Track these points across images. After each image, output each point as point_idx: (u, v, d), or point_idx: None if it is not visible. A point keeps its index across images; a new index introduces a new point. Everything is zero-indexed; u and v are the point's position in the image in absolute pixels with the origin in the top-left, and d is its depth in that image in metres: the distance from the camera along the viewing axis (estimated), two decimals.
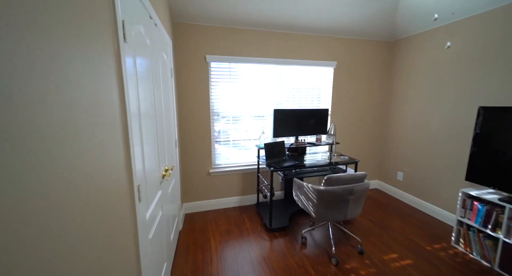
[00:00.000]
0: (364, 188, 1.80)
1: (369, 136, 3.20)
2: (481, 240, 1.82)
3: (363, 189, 1.80)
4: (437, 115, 2.45)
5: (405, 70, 2.85)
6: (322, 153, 2.95)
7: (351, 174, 1.78)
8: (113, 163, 0.75)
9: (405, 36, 2.81)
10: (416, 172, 2.72)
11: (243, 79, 2.65)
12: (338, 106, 2.99)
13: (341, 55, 2.88)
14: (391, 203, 2.84)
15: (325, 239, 2.11)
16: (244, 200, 2.81)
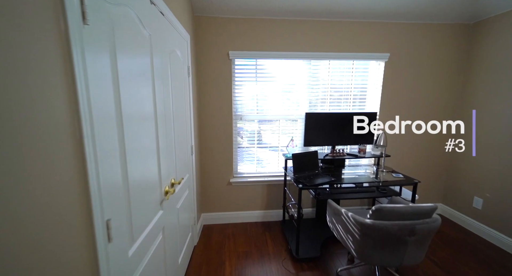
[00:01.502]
0: (433, 228, 1.28)
1: (432, 148, 2.50)
2: None
3: (431, 229, 1.28)
4: None
5: (491, 62, 2.10)
6: (366, 167, 2.41)
7: (413, 206, 1.28)
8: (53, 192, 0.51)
9: (496, 14, 2.06)
10: (505, 200, 1.97)
11: (272, 78, 2.31)
12: (389, 109, 2.40)
13: (396, 45, 2.29)
14: (465, 239, 2.13)
15: None
16: (268, 215, 2.48)
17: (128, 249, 0.83)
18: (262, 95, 2.34)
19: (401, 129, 2.19)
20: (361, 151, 2.22)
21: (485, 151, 2.15)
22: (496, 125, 2.06)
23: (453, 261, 1.83)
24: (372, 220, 1.29)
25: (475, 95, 2.25)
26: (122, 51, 0.79)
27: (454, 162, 2.47)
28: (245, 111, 2.35)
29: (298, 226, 1.79)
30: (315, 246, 1.93)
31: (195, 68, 2.12)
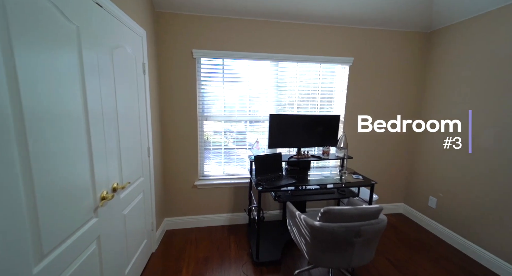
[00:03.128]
0: (378, 228, 1.30)
1: (393, 150, 2.60)
2: None
3: (377, 230, 1.30)
4: (491, 127, 1.82)
5: (445, 69, 2.22)
6: (332, 169, 2.45)
7: (359, 208, 1.29)
8: None
9: (448, 25, 2.19)
10: (456, 200, 2.08)
11: (239, 79, 2.28)
12: (353, 112, 2.46)
13: (360, 50, 2.35)
14: (421, 238, 2.23)
15: None
16: (235, 218, 2.43)
17: (32, 266, 0.74)
18: (229, 96, 2.29)
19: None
20: (325, 153, 2.25)
21: (441, 152, 2.26)
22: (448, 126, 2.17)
23: (407, 260, 1.89)
24: (321, 222, 1.29)
25: (435, 99, 2.37)
26: (24, 43, 0.70)
27: (412, 163, 2.58)
28: (212, 111, 2.29)
29: (258, 229, 1.76)
30: (277, 248, 1.91)
31: (156, 66, 2.03)
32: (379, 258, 1.90)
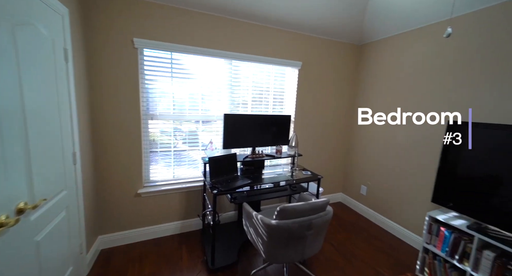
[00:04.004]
0: (326, 219, 1.44)
1: (334, 147, 2.95)
2: (447, 272, 1.62)
3: (325, 220, 1.44)
4: (403, 127, 2.27)
5: (371, 77, 2.66)
6: (284, 166, 2.58)
7: (311, 203, 1.39)
8: None
9: (374, 40, 2.62)
10: (381, 187, 2.53)
11: (191, 75, 2.12)
12: (302, 113, 2.66)
13: (307, 55, 2.55)
14: (356, 222, 2.60)
15: None
16: (187, 225, 2.26)
17: None
18: (179, 93, 2.11)
19: (310, 130, 2.46)
20: (278, 152, 2.35)
21: (369, 148, 2.70)
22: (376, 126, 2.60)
23: (347, 243, 2.18)
24: (277, 220, 1.33)
25: (364, 102, 2.80)
26: None
27: (348, 157, 3.00)
28: (159, 110, 2.05)
29: (213, 234, 1.68)
30: (233, 251, 1.88)
31: (85, 53, 1.67)
32: (324, 244, 2.12)
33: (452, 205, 1.66)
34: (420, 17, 2.04)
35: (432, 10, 1.91)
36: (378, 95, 2.57)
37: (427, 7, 1.91)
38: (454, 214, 1.72)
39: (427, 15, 1.99)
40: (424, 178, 2.06)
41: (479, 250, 1.45)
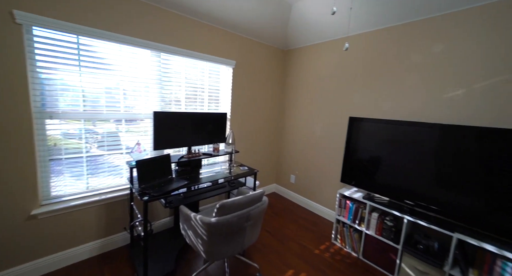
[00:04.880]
0: (262, 209, 1.57)
1: (268, 142, 3.21)
2: (351, 234, 2.10)
3: (261, 210, 1.57)
4: (319, 123, 2.75)
5: (295, 80, 3.05)
6: (222, 164, 2.60)
7: (248, 195, 1.48)
8: None
9: (296, 47, 3.00)
10: (305, 175, 2.96)
11: (108, 66, 1.79)
12: (238, 110, 2.76)
13: (241, 55, 2.65)
14: (287, 207, 2.95)
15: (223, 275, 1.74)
16: (110, 243, 1.93)
17: None
18: (91, 87, 1.74)
19: (246, 127, 2.58)
20: (215, 150, 2.35)
21: (295, 142, 3.10)
22: (300, 123, 3.02)
23: (280, 227, 2.45)
24: (217, 217, 1.35)
25: (290, 102, 3.17)
26: None
27: (279, 151, 3.35)
28: (62, 107, 1.63)
29: (145, 245, 1.52)
30: (170, 259, 1.76)
31: None
32: (261, 232, 2.30)
33: (354, 182, 2.16)
34: (330, 32, 2.50)
35: (337, 27, 2.40)
36: (300, 96, 2.98)
37: (333, 24, 2.38)
38: (355, 189, 2.24)
39: (335, 31, 2.46)
40: (335, 164, 2.58)
41: (370, 213, 1.96)
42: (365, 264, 1.95)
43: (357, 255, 2.05)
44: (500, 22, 1.52)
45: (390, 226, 1.82)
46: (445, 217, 1.60)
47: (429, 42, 1.84)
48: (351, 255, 2.06)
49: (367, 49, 2.25)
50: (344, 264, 1.93)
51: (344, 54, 2.44)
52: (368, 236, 1.96)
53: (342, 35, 2.44)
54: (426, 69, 1.87)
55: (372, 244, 1.93)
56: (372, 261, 1.94)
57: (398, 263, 1.77)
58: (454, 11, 1.71)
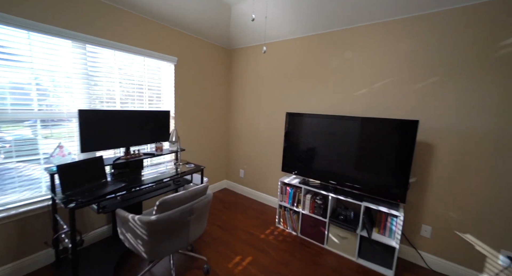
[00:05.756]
0: (206, 202, 1.64)
1: (215, 139, 3.25)
2: (291, 216, 2.39)
3: (205, 204, 1.63)
4: (262, 119, 2.96)
5: (240, 78, 3.18)
6: (167, 163, 2.51)
7: (191, 189, 1.52)
8: None
9: (240, 47, 3.13)
10: (253, 168, 3.15)
11: (13, 57, 1.50)
12: (183, 108, 2.70)
13: (183, 52, 2.60)
14: (237, 200, 3.08)
15: (168, 273, 1.72)
16: (26, 266, 1.64)
17: None
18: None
19: (192, 125, 2.56)
20: (159, 149, 2.26)
21: (242, 137, 3.24)
22: (246, 119, 3.18)
23: (230, 220, 2.56)
24: (158, 214, 1.34)
25: (236, 98, 3.29)
26: None
27: (228, 147, 3.45)
28: None
29: (74, 258, 1.38)
30: (108, 269, 1.63)
31: None
32: (211, 227, 2.36)
33: (292, 170, 2.44)
34: (267, 35, 2.72)
35: (273, 31, 2.63)
36: (245, 94, 3.14)
37: (269, 28, 2.60)
38: (293, 177, 2.54)
39: (272, 34, 2.69)
40: (278, 155, 2.84)
41: (305, 196, 2.27)
42: (303, 239, 2.25)
43: (296, 233, 2.34)
44: (389, 37, 1.99)
45: (320, 204, 2.16)
46: (357, 191, 2.01)
47: (342, 50, 2.25)
48: (291, 234, 2.34)
49: (298, 54, 2.56)
50: (285, 243, 2.18)
51: (280, 57, 2.70)
52: (304, 215, 2.26)
53: (278, 38, 2.69)
54: (341, 72, 2.27)
55: (307, 221, 2.25)
56: (308, 236, 2.26)
57: (326, 233, 2.12)
58: (359, 25, 2.13)
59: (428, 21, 1.79)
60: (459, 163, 1.74)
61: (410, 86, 1.91)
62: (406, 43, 1.90)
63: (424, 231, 1.90)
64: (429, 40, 1.80)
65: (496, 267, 1.63)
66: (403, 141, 1.74)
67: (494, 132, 1.60)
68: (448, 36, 1.72)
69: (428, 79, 1.83)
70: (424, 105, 1.85)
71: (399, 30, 1.92)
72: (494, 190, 1.62)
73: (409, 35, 1.88)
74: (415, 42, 1.86)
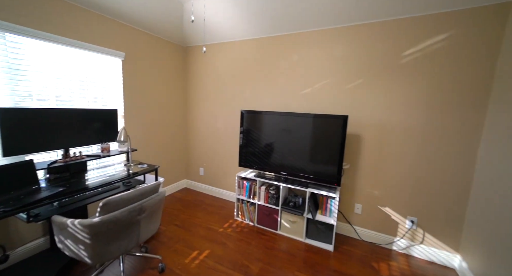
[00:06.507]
0: (158, 200, 1.63)
1: (173, 138, 3.18)
2: (248, 208, 2.53)
3: (157, 201, 1.62)
4: (220, 117, 3.02)
5: (197, 77, 3.17)
6: (118, 165, 2.37)
7: (139, 188, 1.50)
8: None
9: (196, 45, 3.10)
10: (212, 165, 3.19)
11: None
12: (134, 107, 2.57)
13: (133, 47, 2.47)
14: (197, 199, 3.08)
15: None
16: None
17: None
18: None
19: (146, 124, 2.44)
20: (105, 150, 2.12)
21: (201, 135, 3.24)
22: (204, 116, 3.18)
23: (190, 218, 2.56)
24: (101, 216, 1.30)
25: (194, 97, 3.26)
26: None
27: (187, 146, 3.40)
28: None
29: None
30: None
31: None
32: (169, 227, 2.33)
33: (248, 165, 2.57)
34: (221, 35, 2.78)
35: (227, 31, 2.70)
36: (203, 92, 3.14)
37: (223, 28, 2.66)
38: (250, 171, 2.68)
39: (225, 34, 2.76)
40: (235, 151, 2.94)
41: (260, 188, 2.43)
42: (259, 228, 2.42)
43: (253, 224, 2.49)
44: (326, 44, 2.27)
45: (273, 194, 2.35)
46: (304, 179, 2.25)
47: (290, 53, 2.47)
48: (248, 225, 2.48)
49: (252, 54, 2.69)
50: (243, 233, 2.31)
51: (235, 57, 2.80)
52: (260, 205, 2.43)
53: (234, 38, 2.78)
54: (289, 73, 2.49)
55: (262, 211, 2.42)
56: (264, 225, 2.43)
57: (279, 220, 2.33)
58: (302, 31, 2.37)
59: (355, 32, 2.12)
60: (379, 149, 2.12)
61: (343, 86, 2.23)
62: (339, 49, 2.21)
63: (357, 208, 2.26)
64: (356, 48, 2.13)
65: (404, 230, 2.07)
66: (337, 133, 2.03)
67: (401, 124, 2.01)
68: (369, 45, 2.07)
69: (356, 81, 2.16)
70: (353, 102, 2.19)
71: (334, 38, 2.22)
72: (403, 170, 2.04)
73: (341, 43, 2.19)
74: (346, 49, 2.17)
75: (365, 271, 1.82)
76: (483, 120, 1.74)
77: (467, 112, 1.77)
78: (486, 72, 1.70)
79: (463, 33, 1.73)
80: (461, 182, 1.83)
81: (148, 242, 2.07)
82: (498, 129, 1.59)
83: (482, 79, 1.71)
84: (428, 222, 1.97)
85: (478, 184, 1.73)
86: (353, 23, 2.11)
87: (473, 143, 1.78)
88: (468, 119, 1.77)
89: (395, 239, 2.11)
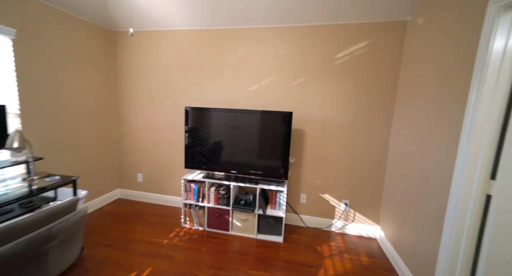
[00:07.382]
0: (76, 220, 1.29)
1: (103, 141, 2.63)
2: (197, 212, 2.36)
3: (74, 222, 1.29)
4: (162, 114, 2.69)
5: (131, 67, 2.70)
6: (10, 180, 1.77)
7: (44, 209, 1.15)
8: None
9: (125, 30, 2.63)
10: (153, 169, 2.82)
11: None
12: (37, 103, 1.97)
13: (31, 24, 1.88)
14: (136, 209, 2.67)
15: None
16: None
17: None
18: None
19: (56, 124, 1.90)
20: None
21: (137, 137, 2.81)
22: (141, 115, 2.76)
23: (125, 234, 2.18)
24: None
25: (126, 91, 2.77)
26: None
27: (120, 150, 2.90)
28: None
29: None
30: None
31: None
32: (97, 249, 1.92)
33: (195, 166, 2.38)
34: (160, 22, 2.44)
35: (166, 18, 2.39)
36: (139, 86, 2.72)
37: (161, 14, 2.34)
38: (198, 172, 2.50)
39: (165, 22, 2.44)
40: (180, 153, 2.69)
41: (209, 189, 2.29)
42: (210, 232, 2.29)
43: (203, 228, 2.35)
44: (271, 42, 2.31)
45: (223, 194, 2.26)
46: (254, 176, 2.26)
47: (235, 48, 2.40)
48: (198, 231, 2.32)
49: (196, 46, 2.49)
50: (192, 240, 2.14)
51: (178, 48, 2.52)
52: (210, 208, 2.30)
53: (174, 27, 2.49)
54: (236, 68, 2.43)
55: (213, 213, 2.30)
56: (214, 227, 2.32)
57: (231, 220, 2.27)
58: (247, 27, 2.34)
59: (297, 32, 2.24)
60: (320, 143, 2.34)
61: (287, 84, 2.33)
62: (284, 48, 2.29)
63: (302, 198, 2.44)
64: (298, 48, 2.26)
65: (340, 212, 2.38)
66: (283, 129, 2.11)
67: (336, 119, 2.27)
68: (309, 46, 2.23)
69: (298, 79, 2.30)
70: (297, 99, 2.33)
71: (277, 37, 2.28)
72: (338, 160, 2.31)
73: (285, 42, 2.28)
74: (290, 48, 2.28)
75: (311, 255, 1.98)
76: (391, 116, 2.15)
77: (384, 109, 2.15)
78: (393, 76, 2.10)
79: (376, 43, 2.08)
80: (379, 166, 2.22)
81: (67, 274, 1.64)
82: (400, 121, 1.99)
83: (392, 82, 2.10)
84: (357, 202, 2.32)
85: (389, 165, 2.14)
86: (297, 24, 2.22)
87: (387, 134, 2.18)
88: (384, 115, 2.16)
89: (333, 221, 2.39)
